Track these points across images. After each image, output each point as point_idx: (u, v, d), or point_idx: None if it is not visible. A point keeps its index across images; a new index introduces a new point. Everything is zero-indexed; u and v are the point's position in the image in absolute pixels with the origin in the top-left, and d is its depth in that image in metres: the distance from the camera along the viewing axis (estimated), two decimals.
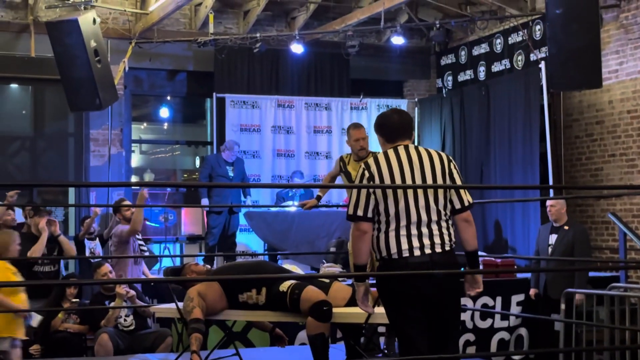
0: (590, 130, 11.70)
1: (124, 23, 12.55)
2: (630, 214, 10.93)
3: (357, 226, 4.48)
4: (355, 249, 4.53)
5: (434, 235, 4.45)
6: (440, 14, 13.45)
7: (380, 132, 4.74)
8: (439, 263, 4.42)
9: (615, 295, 7.59)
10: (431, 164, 4.55)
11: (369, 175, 4.53)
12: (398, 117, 4.70)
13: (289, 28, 13.65)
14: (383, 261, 4.53)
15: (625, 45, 11.08)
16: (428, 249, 4.42)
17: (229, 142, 11.63)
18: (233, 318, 6.38)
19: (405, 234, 4.43)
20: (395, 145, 4.63)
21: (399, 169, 4.51)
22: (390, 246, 4.45)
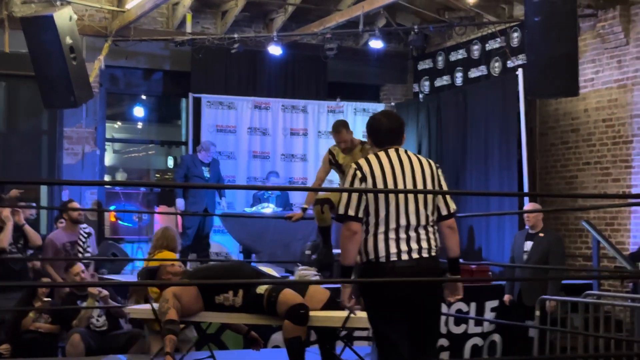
0: (566, 138, 11.76)
1: (100, 20, 12.44)
2: (604, 222, 11.00)
3: (348, 226, 4.47)
4: (344, 249, 4.51)
5: (421, 239, 4.48)
6: (418, 18, 13.48)
7: (369, 136, 4.76)
8: (425, 268, 4.45)
9: (590, 302, 7.62)
10: (421, 169, 4.58)
11: (361, 175, 4.53)
12: (387, 121, 4.71)
13: (267, 29, 13.60)
14: (368, 264, 4.51)
15: (601, 54, 11.15)
16: (415, 254, 4.45)
17: (205, 143, 11.56)
18: (209, 320, 6.32)
19: (394, 237, 4.45)
20: (385, 149, 4.63)
21: (391, 171, 4.53)
22: (378, 249, 4.45)
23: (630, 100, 10.75)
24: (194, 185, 12.92)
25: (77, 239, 9.19)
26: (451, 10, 13.05)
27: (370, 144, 4.76)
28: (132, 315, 6.50)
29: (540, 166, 11.93)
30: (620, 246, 10.42)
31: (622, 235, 10.78)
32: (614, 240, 10.37)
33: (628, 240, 10.70)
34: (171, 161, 14.55)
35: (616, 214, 10.91)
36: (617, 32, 10.76)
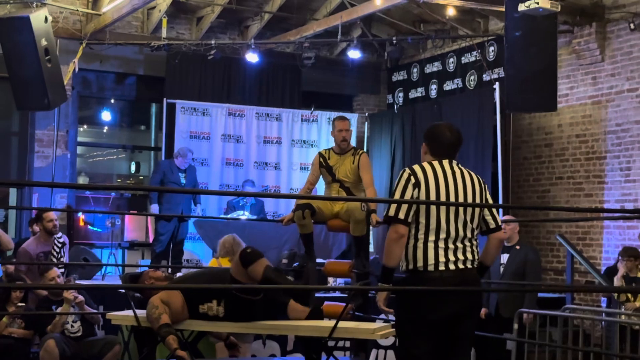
0: (539, 153, 11.86)
1: (74, 23, 12.31)
2: (576, 236, 11.10)
3: (396, 228, 4.54)
4: (389, 251, 4.58)
5: (466, 251, 4.61)
6: (393, 30, 13.53)
7: (428, 143, 4.80)
8: (468, 280, 4.60)
9: (569, 316, 7.67)
10: (472, 183, 4.68)
11: (414, 181, 4.59)
12: (450, 134, 4.77)
13: (242, 37, 13.57)
14: (413, 272, 4.58)
15: (576, 70, 11.28)
16: (461, 264, 4.57)
17: (182, 149, 11.46)
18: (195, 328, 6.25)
19: (444, 247, 4.55)
20: (439, 159, 4.69)
21: (444, 182, 4.60)
22: (428, 257, 4.54)
23: (604, 116, 10.88)
24: (169, 190, 12.81)
25: (51, 249, 9.08)
26: (427, 22, 13.12)
27: (425, 152, 4.80)
28: (114, 322, 6.40)
29: (513, 180, 12.02)
30: (593, 261, 10.54)
31: (594, 250, 10.89)
32: (586, 255, 10.48)
33: (600, 255, 10.81)
34: (135, 166, 14.42)
35: (588, 229, 11.03)
36: (593, 49, 10.90)
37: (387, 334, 5.90)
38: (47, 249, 9.09)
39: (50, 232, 9.05)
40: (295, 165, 13.04)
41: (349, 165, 7.47)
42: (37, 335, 8.14)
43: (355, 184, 7.48)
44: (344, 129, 7.54)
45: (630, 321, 7.84)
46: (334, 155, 7.60)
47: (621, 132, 10.67)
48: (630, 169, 10.54)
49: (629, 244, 9.92)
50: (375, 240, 12.75)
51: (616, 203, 10.64)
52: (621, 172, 10.65)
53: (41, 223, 9.11)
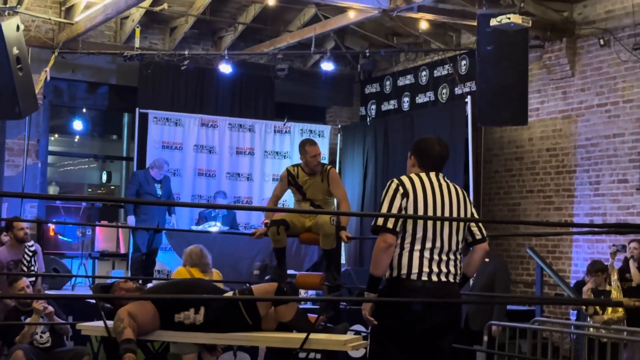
0: (510, 166, 11.96)
1: (47, 32, 12.25)
2: (545, 249, 11.19)
3: (384, 238, 4.56)
4: (377, 260, 4.59)
5: (450, 264, 4.63)
6: (367, 42, 13.60)
7: (417, 157, 4.82)
8: (450, 294, 4.61)
9: (538, 329, 7.73)
10: (457, 196, 4.73)
11: (403, 191, 4.62)
12: (439, 147, 4.81)
13: (215, 47, 13.57)
14: (398, 279, 4.59)
15: (547, 85, 11.40)
16: (443, 277, 4.59)
17: (158, 161, 11.42)
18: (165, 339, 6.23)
19: (429, 257, 4.57)
20: (427, 172, 4.73)
21: (432, 193, 4.64)
22: (412, 265, 4.57)
23: (574, 130, 11.00)
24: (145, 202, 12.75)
25: (21, 257, 9.00)
26: (400, 35, 13.20)
27: (413, 164, 4.83)
28: (84, 332, 6.36)
29: (484, 193, 12.10)
30: (562, 273, 10.62)
31: (564, 263, 10.99)
32: (555, 268, 10.57)
33: (569, 268, 10.91)
34: (105, 176, 14.36)
35: (558, 242, 11.12)
36: (563, 64, 11.02)
37: (358, 346, 5.91)
38: (18, 257, 9.02)
39: (21, 240, 8.98)
40: (268, 177, 13.04)
41: (319, 184, 7.47)
42: (5, 346, 8.06)
43: (325, 201, 7.50)
44: (318, 153, 7.51)
45: (598, 334, 7.91)
46: (302, 174, 7.54)
47: (591, 146, 10.79)
48: (600, 183, 10.65)
49: (597, 257, 10.03)
50: (347, 252, 12.77)
51: (585, 217, 10.75)
52: (590, 186, 10.77)
53: (12, 231, 9.04)
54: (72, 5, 12.10)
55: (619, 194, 10.41)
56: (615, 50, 10.40)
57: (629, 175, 10.28)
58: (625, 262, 9.23)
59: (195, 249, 8.33)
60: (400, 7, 10.40)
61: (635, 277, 9.05)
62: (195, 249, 8.33)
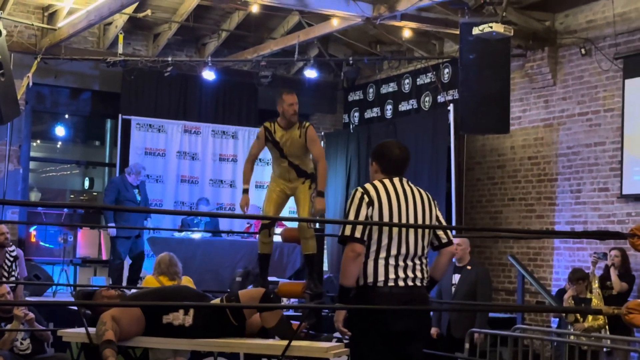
0: (492, 174, 12.01)
1: (29, 37, 12.21)
2: (527, 257, 11.24)
3: (352, 247, 4.56)
4: (346, 270, 4.59)
5: (416, 269, 4.65)
6: (350, 50, 13.64)
7: (378, 162, 4.82)
8: (417, 297, 4.63)
9: (519, 336, 7.76)
10: (421, 200, 4.73)
11: (368, 200, 4.61)
12: (399, 151, 4.81)
13: (199, 54, 13.57)
14: (365, 287, 4.60)
15: (529, 93, 11.46)
16: (410, 282, 4.61)
17: (136, 166, 11.35)
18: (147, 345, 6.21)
19: (394, 263, 4.58)
20: (390, 177, 4.72)
21: (396, 200, 4.64)
22: (378, 273, 4.58)
23: (556, 139, 11.06)
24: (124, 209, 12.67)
25: (2, 262, 8.96)
26: (383, 43, 13.25)
27: (375, 170, 4.82)
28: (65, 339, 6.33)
29: (467, 200, 12.14)
30: (543, 281, 10.68)
31: (545, 271, 11.03)
32: (537, 276, 10.61)
33: (550, 276, 10.96)
34: (88, 182, 14.30)
35: (539, 250, 11.17)
36: (545, 73, 11.08)
37: (341, 353, 5.91)
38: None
39: (1, 245, 8.94)
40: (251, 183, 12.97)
41: (297, 139, 7.41)
42: None
43: (303, 159, 7.47)
44: (294, 102, 7.48)
45: (578, 341, 7.95)
46: (279, 129, 7.49)
47: (572, 154, 10.85)
48: (581, 191, 10.71)
49: (578, 264, 10.08)
50: (330, 259, 12.79)
51: (566, 225, 10.81)
52: (571, 194, 10.83)
53: None
54: (55, 11, 12.07)
55: (599, 202, 10.48)
56: (597, 60, 10.48)
57: (610, 184, 10.35)
58: (606, 270, 9.28)
59: (164, 257, 8.26)
60: (384, 15, 10.45)
61: (616, 285, 9.11)
62: (164, 257, 8.26)
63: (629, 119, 10.03)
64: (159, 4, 12.13)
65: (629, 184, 10.02)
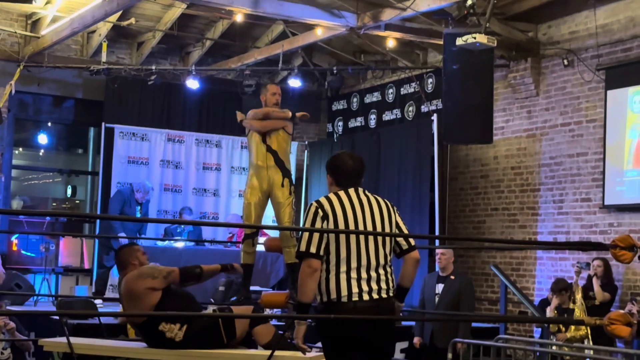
0: (475, 184, 12.04)
1: (12, 45, 12.17)
2: (510, 267, 11.26)
3: (309, 263, 4.51)
4: (304, 286, 4.54)
5: (381, 280, 4.59)
6: (334, 60, 13.66)
7: (332, 174, 4.79)
8: (384, 309, 4.57)
9: (502, 346, 7.78)
10: (379, 209, 4.70)
11: (322, 214, 4.58)
12: (352, 162, 4.77)
13: (183, 62, 13.56)
14: (329, 304, 4.56)
15: (512, 103, 11.51)
16: (375, 294, 4.56)
17: (144, 186, 11.46)
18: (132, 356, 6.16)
19: (356, 277, 4.53)
20: (345, 189, 4.69)
21: (352, 211, 4.61)
22: (340, 288, 4.52)
23: (539, 149, 11.11)
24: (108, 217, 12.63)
25: None
26: (367, 53, 13.27)
27: (330, 183, 4.80)
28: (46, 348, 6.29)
29: (450, 210, 12.17)
30: (526, 291, 10.71)
31: (527, 281, 11.06)
32: (519, 285, 10.64)
33: (533, 286, 10.99)
34: (70, 190, 14.24)
35: (522, 260, 11.20)
36: (528, 84, 11.14)
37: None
38: None
39: None
40: (235, 192, 13.01)
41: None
42: None
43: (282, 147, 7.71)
44: (277, 92, 7.76)
45: (561, 351, 7.98)
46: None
47: (554, 165, 10.90)
48: (563, 201, 10.76)
49: (560, 274, 10.12)
50: None
51: (549, 235, 10.85)
52: (554, 204, 10.87)
53: None
54: (38, 18, 12.03)
55: (582, 212, 10.53)
56: (579, 71, 10.54)
57: (592, 194, 10.40)
58: (589, 280, 9.32)
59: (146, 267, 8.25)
60: (368, 25, 10.48)
61: (599, 295, 9.15)
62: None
63: (610, 130, 10.09)
64: (143, 12, 12.11)
65: (611, 195, 10.08)
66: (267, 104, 7.66)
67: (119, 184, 12.14)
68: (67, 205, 14.44)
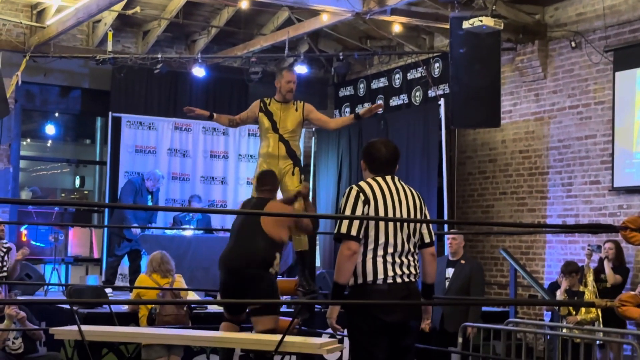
0: (483, 168, 12.01)
1: (18, 35, 12.16)
2: (519, 250, 11.25)
3: (348, 245, 4.61)
4: (342, 268, 4.64)
5: (410, 265, 4.73)
6: (340, 46, 13.61)
7: (366, 161, 4.90)
8: (413, 292, 4.74)
9: (512, 330, 7.76)
10: (413, 199, 4.83)
11: (364, 198, 4.68)
12: (386, 150, 4.86)
13: (189, 51, 13.53)
14: (363, 285, 4.66)
15: (519, 87, 11.46)
16: (406, 278, 4.69)
17: (154, 174, 11.45)
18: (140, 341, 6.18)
19: (391, 261, 4.65)
20: (381, 176, 4.78)
21: (390, 198, 4.72)
22: (377, 271, 4.64)
23: (547, 132, 11.07)
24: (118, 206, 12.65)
25: None
26: (373, 38, 13.23)
27: (364, 168, 4.90)
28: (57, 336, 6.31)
29: (458, 195, 12.15)
30: (536, 275, 10.69)
31: (537, 265, 11.05)
32: (529, 269, 10.62)
33: (543, 270, 10.97)
34: (79, 181, 14.26)
35: (531, 244, 11.18)
36: (535, 66, 11.08)
37: (334, 349, 5.91)
38: None
39: None
40: (242, 180, 12.99)
41: (292, 112, 7.52)
42: None
43: (293, 136, 7.53)
44: (293, 80, 7.57)
45: (571, 334, 7.96)
46: (275, 102, 7.58)
47: (563, 148, 10.86)
48: (572, 184, 10.73)
49: (570, 258, 10.10)
50: (322, 255, 12.77)
51: (558, 218, 10.82)
52: (563, 187, 10.84)
53: None
54: (43, 8, 12.02)
55: (591, 195, 10.49)
56: (587, 53, 10.48)
57: (601, 177, 10.36)
58: (600, 263, 9.29)
59: (156, 255, 8.30)
60: (374, 10, 10.43)
61: (610, 277, 9.12)
62: (156, 255, 8.30)
63: (619, 112, 10.04)
64: (148, 1, 12.10)
65: (620, 177, 10.04)
66: (282, 90, 7.54)
67: (127, 173, 12.14)
68: (75, 195, 14.47)
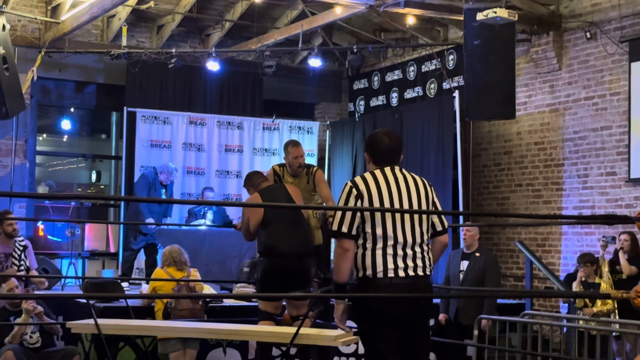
0: (498, 160, 11.98)
1: (33, 31, 12.21)
2: (535, 243, 11.21)
3: (341, 243, 4.54)
4: (337, 267, 4.58)
5: (417, 257, 4.57)
6: (354, 38, 13.60)
7: (369, 153, 4.82)
8: (420, 286, 4.56)
9: (528, 322, 7.75)
10: (416, 187, 4.68)
11: (356, 193, 4.59)
12: (388, 140, 4.78)
13: (203, 45, 13.55)
14: (365, 279, 4.57)
15: (534, 78, 11.41)
16: (411, 271, 4.55)
17: (167, 167, 11.46)
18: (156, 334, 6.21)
19: (392, 253, 4.52)
20: (382, 167, 4.70)
21: (387, 189, 4.61)
22: (376, 264, 4.53)
23: (562, 124, 11.02)
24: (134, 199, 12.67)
25: (12, 250, 8.98)
26: (387, 31, 13.21)
27: (368, 160, 4.82)
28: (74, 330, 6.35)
29: (473, 187, 12.12)
30: (552, 267, 10.66)
31: (553, 257, 11.01)
32: (545, 261, 10.59)
33: (559, 262, 10.94)
34: (95, 175, 14.32)
35: (547, 235, 11.15)
36: (550, 58, 11.03)
37: (349, 341, 5.92)
38: (8, 251, 9.02)
39: (10, 236, 8.97)
40: None
41: (304, 185, 7.70)
42: None
43: (309, 201, 7.69)
44: (299, 155, 7.70)
45: (588, 326, 7.94)
46: (288, 176, 7.77)
47: (578, 139, 10.81)
48: (588, 175, 10.68)
49: (586, 249, 10.06)
50: None
51: (574, 210, 10.78)
52: (579, 179, 10.79)
53: (1, 226, 9.03)
54: (58, 4, 12.06)
55: (607, 186, 10.44)
56: (602, 44, 10.42)
57: (617, 168, 10.31)
58: (616, 254, 9.25)
59: (170, 249, 8.33)
60: (387, 3, 10.40)
61: (625, 269, 9.08)
62: (170, 249, 8.33)
63: (635, 103, 9.99)
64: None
65: (636, 168, 9.99)
66: (292, 166, 7.68)
67: (143, 167, 12.18)
68: (92, 190, 14.53)
